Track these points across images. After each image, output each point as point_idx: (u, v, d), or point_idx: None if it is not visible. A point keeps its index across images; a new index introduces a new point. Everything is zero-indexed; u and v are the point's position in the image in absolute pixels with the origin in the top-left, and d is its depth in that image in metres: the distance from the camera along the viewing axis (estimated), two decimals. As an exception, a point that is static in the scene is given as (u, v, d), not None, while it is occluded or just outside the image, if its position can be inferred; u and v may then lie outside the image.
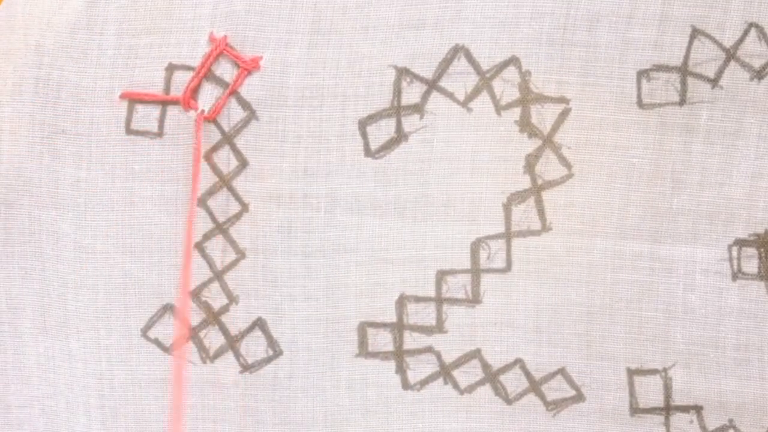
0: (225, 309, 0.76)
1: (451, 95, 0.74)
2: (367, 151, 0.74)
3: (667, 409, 0.75)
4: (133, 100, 0.73)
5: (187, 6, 0.72)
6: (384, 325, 0.76)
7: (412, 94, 0.73)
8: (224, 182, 0.74)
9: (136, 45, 0.72)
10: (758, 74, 0.72)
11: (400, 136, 0.74)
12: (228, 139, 0.74)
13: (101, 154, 0.73)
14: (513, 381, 0.76)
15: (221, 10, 0.72)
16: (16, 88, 0.73)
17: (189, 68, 0.73)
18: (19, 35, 0.73)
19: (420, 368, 0.76)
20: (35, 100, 0.73)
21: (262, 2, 0.72)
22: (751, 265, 0.74)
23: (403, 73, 0.73)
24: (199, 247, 0.75)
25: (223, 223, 0.74)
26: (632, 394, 0.75)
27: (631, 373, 0.75)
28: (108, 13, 0.72)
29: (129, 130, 0.73)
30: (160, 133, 0.73)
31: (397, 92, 0.73)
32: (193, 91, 0.73)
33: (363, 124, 0.74)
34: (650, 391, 0.75)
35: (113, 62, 0.73)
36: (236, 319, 0.76)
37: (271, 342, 0.75)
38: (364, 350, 0.76)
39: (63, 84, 0.73)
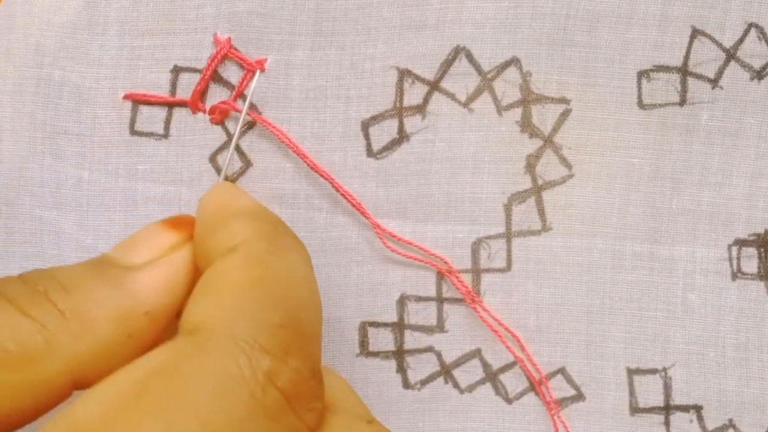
0: (228, 309, 0.76)
1: (452, 96, 0.74)
2: (370, 152, 0.74)
3: (667, 408, 0.75)
4: (139, 101, 0.73)
5: (189, 7, 0.72)
6: (385, 324, 0.76)
7: (414, 95, 0.73)
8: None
9: (139, 46, 0.72)
10: (758, 74, 0.73)
11: (402, 137, 0.74)
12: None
13: (104, 154, 0.73)
14: (513, 380, 0.76)
15: (224, 11, 0.72)
16: (17, 87, 0.73)
17: (194, 70, 0.72)
18: (18, 35, 0.72)
19: (420, 368, 0.76)
20: (36, 100, 0.72)
21: (264, 4, 0.72)
22: (751, 265, 0.74)
23: (405, 74, 0.73)
24: (204, 247, 0.75)
25: (228, 223, 0.74)
26: (632, 393, 0.76)
27: (631, 372, 0.76)
28: (109, 14, 0.72)
29: (133, 131, 0.73)
30: (166, 135, 0.73)
31: (400, 93, 0.73)
32: (201, 94, 0.73)
33: (366, 125, 0.74)
34: (650, 391, 0.76)
35: (116, 63, 0.72)
36: (239, 319, 0.76)
37: (274, 341, 0.75)
38: (365, 350, 0.76)
39: (64, 84, 0.72)
